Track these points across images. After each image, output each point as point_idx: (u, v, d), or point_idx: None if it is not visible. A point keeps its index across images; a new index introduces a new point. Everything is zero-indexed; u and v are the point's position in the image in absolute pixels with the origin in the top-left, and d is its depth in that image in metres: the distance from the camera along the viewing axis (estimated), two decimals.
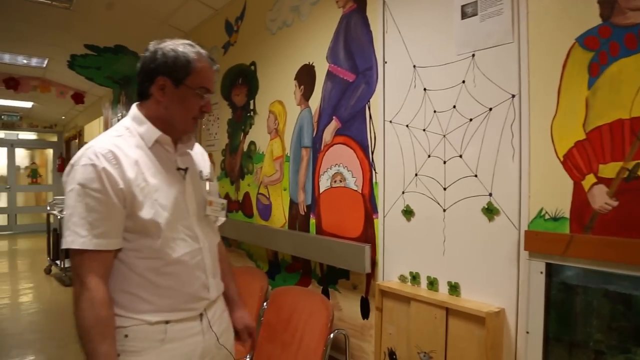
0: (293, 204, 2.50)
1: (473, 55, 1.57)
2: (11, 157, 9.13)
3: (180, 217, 1.22)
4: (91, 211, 1.10)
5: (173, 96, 1.20)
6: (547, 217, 1.37)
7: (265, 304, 2.34)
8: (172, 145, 1.26)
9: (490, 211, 1.52)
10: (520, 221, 1.44)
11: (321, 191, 2.28)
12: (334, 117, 2.20)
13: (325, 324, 1.93)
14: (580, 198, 1.30)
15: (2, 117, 8.30)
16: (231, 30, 3.14)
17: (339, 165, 2.17)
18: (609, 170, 1.24)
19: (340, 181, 2.16)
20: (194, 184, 1.30)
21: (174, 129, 1.25)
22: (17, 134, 8.95)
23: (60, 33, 4.16)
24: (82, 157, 1.13)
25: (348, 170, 2.12)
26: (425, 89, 1.74)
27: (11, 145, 9.08)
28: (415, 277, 1.78)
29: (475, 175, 1.56)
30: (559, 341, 1.37)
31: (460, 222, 1.62)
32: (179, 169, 1.26)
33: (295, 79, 2.48)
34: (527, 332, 1.40)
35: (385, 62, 1.91)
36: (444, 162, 1.67)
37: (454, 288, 1.63)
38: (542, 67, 1.38)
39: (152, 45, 1.23)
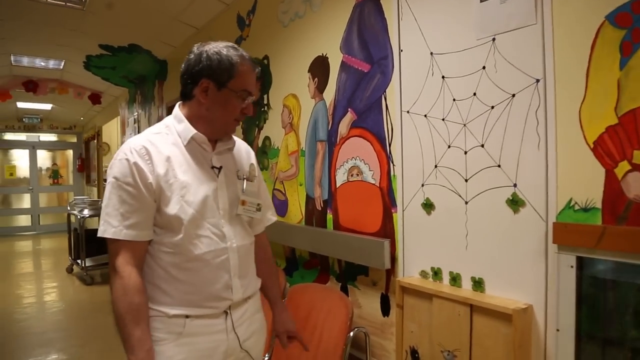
0: (309, 199, 2.45)
1: (493, 39, 1.49)
2: (33, 158, 9.31)
3: (207, 214, 1.22)
4: (123, 203, 1.16)
5: (215, 98, 1.22)
6: (576, 207, 1.29)
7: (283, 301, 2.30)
8: (209, 143, 1.26)
9: (515, 203, 1.44)
10: (548, 213, 1.36)
11: (338, 185, 2.23)
12: (349, 109, 2.14)
13: (345, 322, 1.89)
14: (612, 187, 1.22)
15: (24, 119, 8.46)
16: (243, 24, 3.10)
17: (356, 158, 2.11)
18: None
19: (357, 175, 2.11)
20: (228, 182, 1.28)
21: (215, 130, 1.27)
22: (39, 136, 9.12)
23: (75, 34, 4.19)
24: (120, 152, 1.20)
25: (365, 164, 2.06)
26: (443, 77, 1.67)
27: (33, 147, 9.26)
28: (437, 273, 1.72)
29: (499, 166, 1.49)
30: (592, 339, 1.29)
31: (483, 214, 1.55)
32: (213, 167, 1.26)
33: (308, 72, 2.42)
34: (558, 330, 1.33)
35: (401, 51, 1.85)
36: (465, 153, 1.60)
37: (478, 284, 1.57)
38: (568, 48, 1.30)
39: (196, 48, 1.25)
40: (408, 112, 1.82)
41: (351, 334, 1.88)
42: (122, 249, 1.16)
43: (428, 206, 1.75)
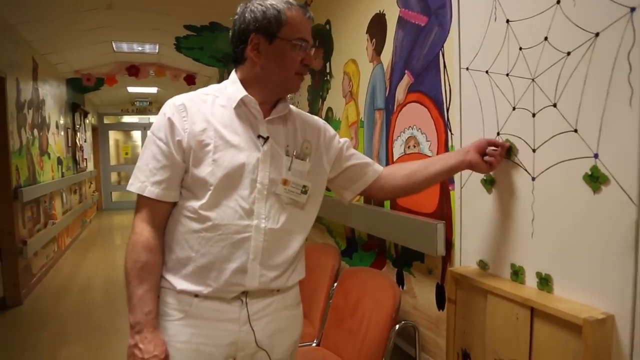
0: None
1: None
2: (145, 139, 10.21)
3: (240, 185, 1.10)
4: (153, 159, 1.11)
5: (269, 53, 1.11)
6: None
7: (335, 285, 2.14)
8: (260, 110, 1.15)
9: (595, 179, 1.09)
10: None
11: (395, 159, 1.98)
12: (406, 71, 1.86)
13: (390, 313, 1.66)
14: None
15: (136, 103, 9.29)
16: None
17: (413, 127, 1.84)
18: None
19: (414, 146, 1.83)
20: (274, 156, 1.15)
21: (275, 90, 1.16)
22: (149, 118, 9.96)
23: (163, 16, 4.36)
24: (163, 107, 1.15)
25: (422, 134, 1.78)
26: (508, 21, 1.33)
27: (144, 128, 10.16)
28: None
29: (575, 130, 1.13)
30: None
31: (554, 194, 1.20)
32: (259, 136, 1.14)
33: (367, 33, 2.17)
34: None
35: None
36: (533, 115, 1.26)
37: (544, 281, 1.24)
38: None
39: (240, 7, 1.15)
40: (467, 69, 1.50)
41: (397, 327, 1.65)
42: (144, 206, 1.12)
43: (488, 182, 1.43)
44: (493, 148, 1.28)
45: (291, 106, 1.25)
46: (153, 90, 7.83)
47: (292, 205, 1.17)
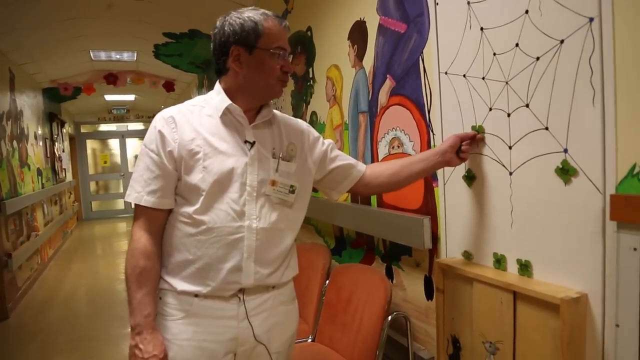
0: None
1: None
2: (123, 147, 10.13)
3: (230, 189, 1.17)
4: (147, 170, 1.17)
5: (250, 64, 1.18)
6: None
7: (327, 282, 2.22)
8: (245, 116, 1.21)
9: (565, 171, 1.20)
10: (606, 183, 1.11)
11: (380, 159, 2.07)
12: (388, 76, 1.96)
13: (383, 305, 1.76)
14: None
15: (113, 111, 9.21)
16: None
17: (396, 129, 1.94)
18: None
19: (398, 147, 1.93)
20: (261, 159, 1.22)
21: (258, 97, 1.22)
22: (127, 126, 9.87)
23: (141, 25, 4.38)
24: (154, 120, 1.22)
25: (405, 134, 1.88)
26: (482, 28, 1.43)
27: (122, 136, 10.07)
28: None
29: (546, 128, 1.25)
30: None
31: (529, 186, 1.32)
32: (246, 141, 1.20)
33: (348, 39, 2.26)
34: (617, 325, 1.09)
35: (437, 4, 1.62)
36: (508, 115, 1.37)
37: (524, 267, 1.35)
38: None
39: (219, 21, 1.21)
40: (446, 73, 1.60)
41: (389, 318, 1.75)
42: (142, 215, 1.19)
43: (469, 178, 1.54)
44: (464, 144, 1.42)
45: (275, 111, 1.33)
46: (131, 97, 7.78)
47: (282, 205, 1.24)
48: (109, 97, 7.72)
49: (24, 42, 4.34)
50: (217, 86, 1.25)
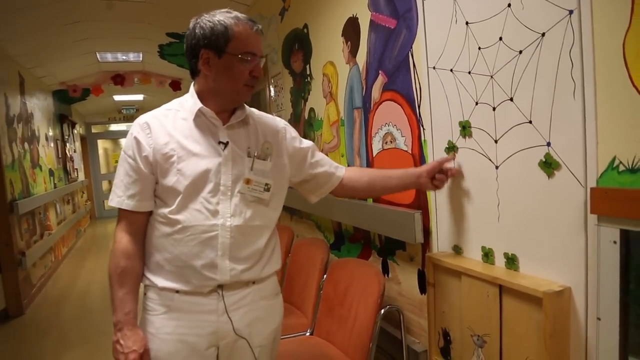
0: None
1: None
2: None
3: (204, 189, 1.20)
4: (126, 175, 1.22)
5: (219, 67, 1.18)
6: (621, 168, 1.02)
7: (324, 276, 2.24)
8: (217, 118, 1.23)
9: (549, 165, 1.20)
10: (587, 176, 1.10)
11: (374, 154, 2.08)
12: (380, 72, 1.96)
13: (376, 299, 1.77)
14: None
15: (122, 111, 9.31)
16: None
17: (389, 124, 1.94)
18: None
19: (391, 142, 1.94)
20: (235, 158, 1.24)
21: (226, 100, 1.24)
22: None
23: (145, 26, 4.42)
24: (131, 126, 1.25)
25: (397, 129, 1.89)
26: (467, 23, 1.43)
27: None
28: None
29: (530, 122, 1.25)
30: None
31: (515, 180, 1.32)
32: (220, 142, 1.22)
33: (342, 36, 2.27)
34: (599, 319, 1.09)
35: None
36: (493, 109, 1.37)
37: (511, 261, 1.35)
38: None
39: (191, 22, 1.22)
40: (434, 68, 1.61)
41: (382, 311, 1.76)
42: (123, 217, 1.24)
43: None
44: (439, 175, 1.47)
45: (253, 109, 1.35)
46: (139, 97, 7.86)
47: (257, 202, 1.26)
48: (117, 98, 7.81)
49: (31, 46, 4.42)
50: (191, 88, 1.26)
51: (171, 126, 1.21)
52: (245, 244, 1.24)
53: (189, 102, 1.25)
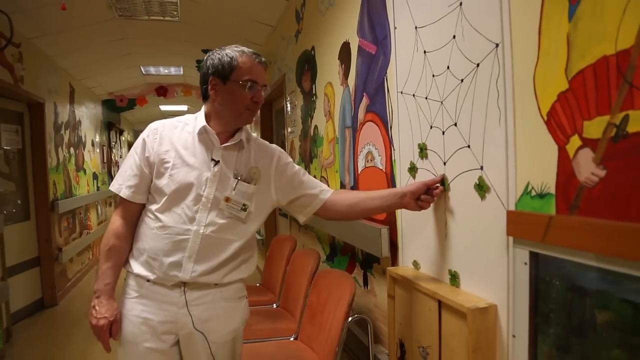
0: (342, 186, 2.44)
1: (460, 3, 1.32)
2: None
3: (187, 197, 1.37)
4: (129, 168, 1.42)
5: (223, 92, 1.37)
6: (533, 193, 1.09)
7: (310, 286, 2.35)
8: (217, 137, 1.41)
9: (481, 188, 1.27)
10: (509, 199, 1.17)
11: (359, 172, 2.18)
12: (364, 94, 2.08)
13: (345, 308, 1.86)
14: (565, 168, 1.00)
15: None
16: (299, 18, 3.18)
17: (370, 144, 2.05)
18: (594, 128, 0.93)
19: (371, 160, 2.04)
20: (222, 177, 1.40)
21: (229, 121, 1.42)
22: None
23: (182, 43, 4.76)
24: (145, 129, 1.46)
25: (375, 149, 1.99)
26: (425, 52, 1.53)
27: None
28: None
29: (468, 146, 1.32)
30: (560, 350, 1.08)
31: (457, 201, 1.39)
32: (212, 159, 1.40)
33: (338, 59, 2.40)
34: (514, 336, 1.14)
35: (395, 28, 1.73)
36: (443, 133, 1.45)
37: (454, 278, 1.41)
38: (523, 1, 1.09)
39: (206, 56, 1.44)
40: (402, 92, 1.70)
41: (350, 319, 1.85)
42: (120, 204, 1.44)
43: None
44: (425, 196, 1.45)
45: (253, 135, 1.51)
46: (184, 107, 8.32)
47: (233, 219, 1.40)
48: (163, 108, 8.32)
49: (80, 60, 4.87)
50: (202, 109, 1.46)
51: (176, 137, 1.41)
52: (213, 252, 1.38)
53: (198, 119, 1.43)
